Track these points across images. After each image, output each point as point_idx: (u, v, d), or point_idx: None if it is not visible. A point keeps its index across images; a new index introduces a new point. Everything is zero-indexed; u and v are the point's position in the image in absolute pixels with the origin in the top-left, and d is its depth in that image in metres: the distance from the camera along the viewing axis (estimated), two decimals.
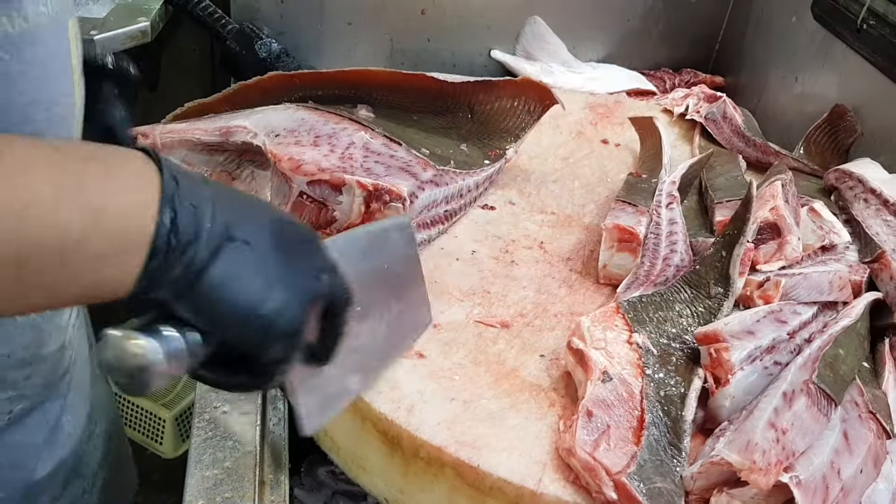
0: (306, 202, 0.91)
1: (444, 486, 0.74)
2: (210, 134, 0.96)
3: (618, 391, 0.74)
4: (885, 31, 1.13)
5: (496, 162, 1.07)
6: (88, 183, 0.45)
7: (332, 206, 0.90)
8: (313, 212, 0.91)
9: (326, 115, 0.99)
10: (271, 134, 0.94)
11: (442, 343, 0.83)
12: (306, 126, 0.96)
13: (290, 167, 0.89)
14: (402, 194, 0.88)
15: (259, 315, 0.51)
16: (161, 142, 0.96)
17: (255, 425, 0.82)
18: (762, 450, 0.65)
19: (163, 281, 0.47)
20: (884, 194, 0.97)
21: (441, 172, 0.97)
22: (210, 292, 0.49)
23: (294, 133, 0.95)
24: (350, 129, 0.97)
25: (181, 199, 0.47)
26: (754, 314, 0.78)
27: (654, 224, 0.97)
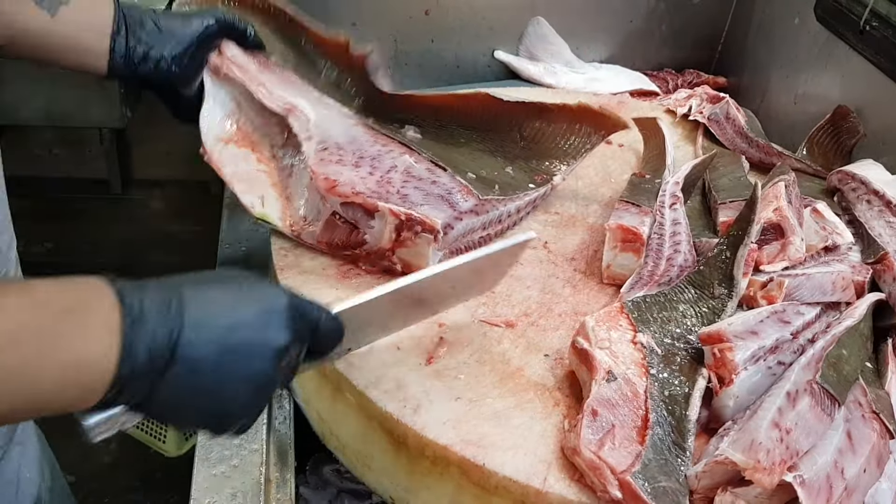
0: (338, 222, 0.90)
1: (450, 485, 0.74)
2: (274, 101, 0.95)
3: (622, 391, 0.74)
4: (887, 33, 1.14)
5: (541, 187, 1.05)
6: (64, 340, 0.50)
7: (363, 229, 0.89)
8: (344, 232, 0.91)
9: (377, 136, 0.98)
10: (321, 144, 0.93)
11: (447, 343, 0.84)
12: (355, 145, 0.95)
13: (325, 187, 0.88)
14: (435, 227, 0.87)
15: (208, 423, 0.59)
16: (225, 71, 0.94)
17: (262, 424, 0.82)
18: (766, 449, 0.65)
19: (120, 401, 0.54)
20: (886, 196, 0.98)
21: (482, 202, 0.94)
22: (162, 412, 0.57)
23: (341, 150, 0.94)
24: (396, 151, 0.96)
25: (139, 342, 0.52)
26: (758, 314, 0.79)
27: (657, 224, 0.97)
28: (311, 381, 0.85)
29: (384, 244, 0.89)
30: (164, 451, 1.84)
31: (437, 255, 0.90)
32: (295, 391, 0.90)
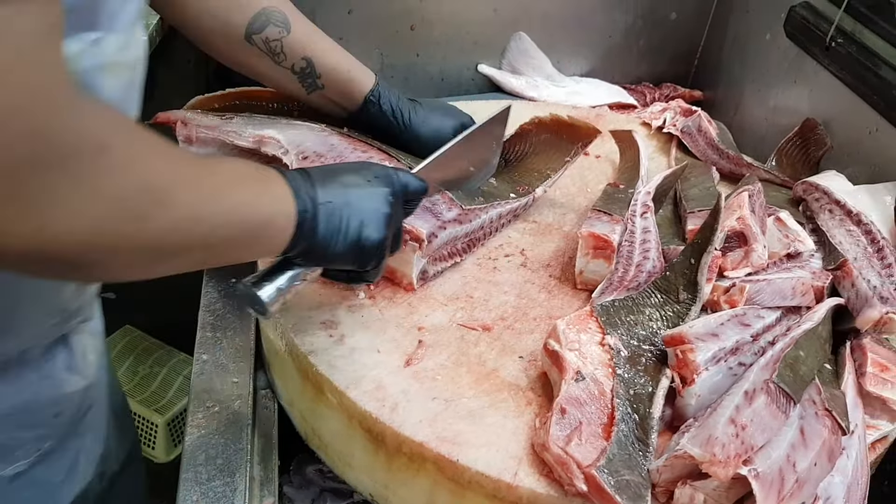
0: None
1: (426, 481, 0.78)
2: (244, 138, 0.99)
3: (590, 390, 0.78)
4: (852, 49, 1.18)
5: (522, 197, 1.09)
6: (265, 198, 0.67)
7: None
8: None
9: (356, 143, 1.01)
10: (300, 155, 0.97)
11: (426, 346, 0.88)
12: (335, 152, 0.99)
13: None
14: (420, 236, 0.91)
15: (353, 250, 0.75)
16: (196, 135, 1.00)
17: (247, 424, 0.86)
18: (722, 444, 0.69)
19: (295, 251, 0.72)
20: (847, 205, 1.02)
21: (466, 212, 0.99)
22: (321, 249, 0.73)
23: (321, 157, 0.97)
24: (375, 158, 0.99)
25: (302, 203, 0.70)
26: (718, 318, 0.83)
27: (628, 232, 1.01)
28: (294, 383, 0.88)
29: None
30: (154, 457, 1.86)
31: (420, 262, 0.94)
32: (279, 393, 0.94)
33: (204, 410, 0.87)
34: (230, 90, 1.14)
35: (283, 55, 0.96)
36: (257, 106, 1.12)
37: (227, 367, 0.92)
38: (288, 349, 0.87)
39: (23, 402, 0.76)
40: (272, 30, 0.95)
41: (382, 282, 0.95)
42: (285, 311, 0.88)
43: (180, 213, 0.56)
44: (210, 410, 0.87)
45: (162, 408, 1.86)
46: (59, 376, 0.80)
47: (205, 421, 0.85)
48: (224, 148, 1.01)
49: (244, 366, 0.92)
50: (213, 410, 0.87)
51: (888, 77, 1.09)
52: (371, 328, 0.89)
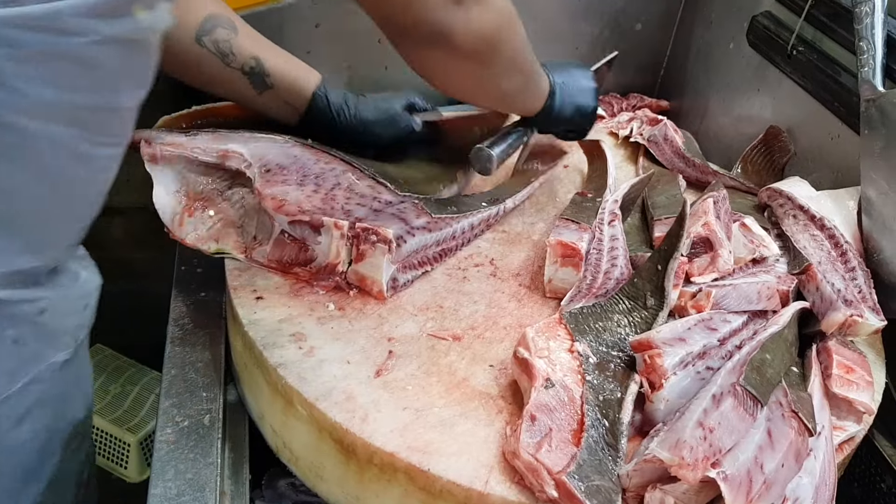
0: (287, 241, 0.94)
1: (398, 491, 0.78)
2: (208, 154, 0.99)
3: (560, 396, 0.78)
4: (812, 57, 1.20)
5: (493, 206, 1.10)
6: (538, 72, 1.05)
7: (311, 245, 0.93)
8: (294, 250, 0.94)
9: (318, 154, 1.02)
10: (263, 168, 0.97)
11: (396, 356, 0.88)
12: (298, 164, 0.99)
13: (272, 206, 0.92)
14: (387, 237, 0.91)
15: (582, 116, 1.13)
16: (161, 154, 0.98)
17: (217, 439, 0.85)
18: (690, 447, 0.69)
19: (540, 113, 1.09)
20: (811, 210, 1.04)
21: (435, 220, 1.00)
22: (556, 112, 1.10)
23: (284, 171, 0.97)
24: (338, 168, 1.00)
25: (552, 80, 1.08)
26: (685, 323, 0.83)
27: (596, 240, 1.02)
28: (264, 396, 0.88)
29: (332, 258, 0.93)
30: (126, 476, 1.84)
31: (390, 268, 0.94)
32: (249, 407, 0.93)
33: (173, 425, 0.86)
34: (196, 108, 1.14)
35: (232, 56, 0.98)
36: (224, 123, 1.12)
37: (196, 381, 0.91)
38: (257, 362, 0.87)
39: (60, 297, 0.81)
40: (221, 32, 0.97)
41: (352, 293, 0.95)
42: (254, 325, 0.88)
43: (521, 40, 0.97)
44: (179, 425, 0.86)
45: (134, 427, 1.84)
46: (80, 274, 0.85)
47: (174, 436, 0.85)
48: (189, 165, 1.00)
49: (213, 380, 0.92)
50: (182, 425, 0.86)
51: (848, 84, 1.11)
52: (341, 339, 0.88)
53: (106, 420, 1.85)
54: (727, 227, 0.99)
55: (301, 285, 0.95)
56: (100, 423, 1.85)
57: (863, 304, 0.93)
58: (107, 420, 1.85)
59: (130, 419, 1.87)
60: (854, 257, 0.98)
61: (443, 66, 0.92)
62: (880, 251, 1.02)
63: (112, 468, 1.86)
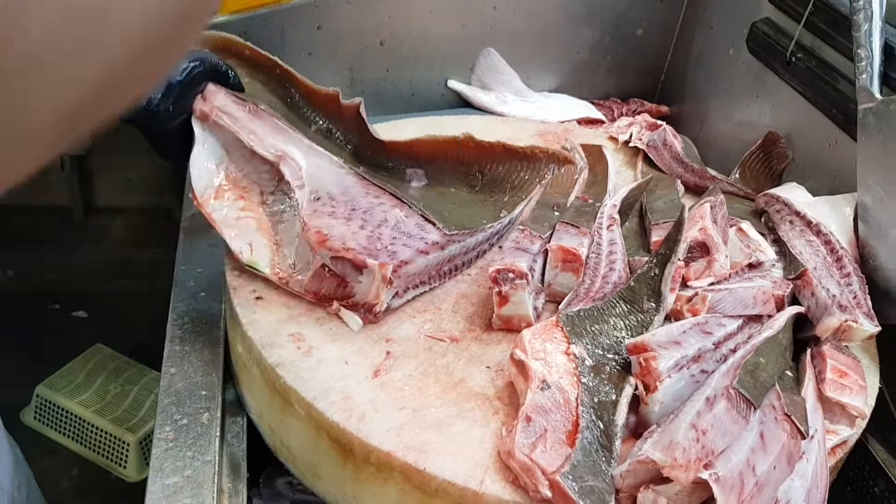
0: (327, 274, 0.92)
1: (394, 490, 0.78)
2: (265, 148, 0.97)
3: (555, 398, 0.79)
4: (811, 64, 1.21)
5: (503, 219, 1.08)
6: None
7: (352, 283, 0.91)
8: (333, 284, 0.92)
9: (369, 186, 0.99)
10: (314, 193, 0.95)
11: (394, 357, 0.88)
12: (347, 195, 0.96)
13: (316, 240, 0.90)
14: (523, 271, 0.91)
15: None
16: (214, 117, 0.96)
17: (215, 437, 0.86)
18: (683, 448, 0.70)
19: None
20: (807, 216, 1.04)
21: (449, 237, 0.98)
22: None
23: (333, 202, 0.95)
24: (387, 204, 0.97)
25: None
26: (681, 326, 0.84)
27: (595, 244, 1.03)
28: (263, 396, 0.89)
29: (371, 298, 0.91)
30: (125, 476, 1.85)
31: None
32: (248, 405, 0.94)
33: (171, 423, 0.87)
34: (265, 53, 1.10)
35: None
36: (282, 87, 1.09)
37: (195, 380, 0.92)
38: (255, 362, 0.87)
39: None
40: None
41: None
42: (253, 325, 0.89)
43: None
44: (178, 423, 0.87)
45: (134, 426, 1.85)
46: None
47: (172, 434, 0.85)
48: (238, 144, 0.98)
49: (213, 379, 0.93)
50: (180, 423, 0.87)
51: (846, 91, 1.12)
52: (339, 340, 0.89)
53: (105, 419, 1.86)
54: (724, 232, 1.00)
55: None
56: (99, 422, 1.86)
57: (857, 309, 0.94)
58: (106, 419, 1.86)
59: (130, 419, 1.88)
60: (849, 263, 0.99)
61: None
62: (876, 257, 1.03)
63: (111, 468, 1.87)
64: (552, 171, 1.18)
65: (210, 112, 0.97)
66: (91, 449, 1.88)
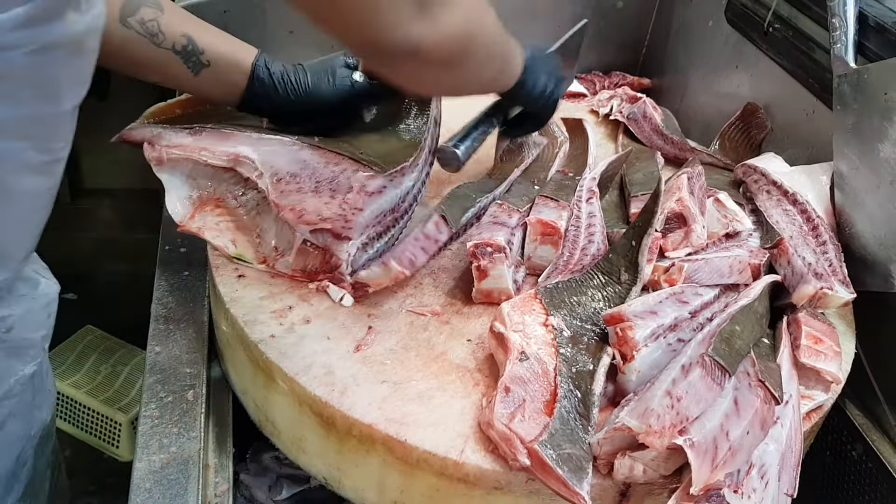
0: (310, 249, 0.93)
1: (376, 461, 0.80)
2: (217, 157, 0.98)
3: (534, 369, 0.80)
4: (788, 34, 1.22)
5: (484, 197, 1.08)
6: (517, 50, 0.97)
7: (336, 253, 0.92)
8: (318, 258, 0.94)
9: (327, 155, 0.99)
10: (275, 177, 0.95)
11: (375, 331, 0.89)
12: (308, 170, 0.97)
13: (292, 218, 0.91)
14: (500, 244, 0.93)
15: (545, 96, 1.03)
16: (167, 157, 0.98)
17: (200, 413, 0.87)
18: (657, 415, 0.72)
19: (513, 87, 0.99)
20: (784, 186, 1.06)
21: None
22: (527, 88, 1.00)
23: (296, 178, 0.95)
24: (349, 170, 0.97)
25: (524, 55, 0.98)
26: (657, 296, 0.85)
27: (574, 217, 1.04)
28: (247, 372, 0.90)
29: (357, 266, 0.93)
30: (118, 455, 1.86)
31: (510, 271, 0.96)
32: (233, 382, 0.95)
33: (157, 401, 0.88)
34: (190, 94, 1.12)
35: (161, 35, 0.92)
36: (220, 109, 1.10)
37: (180, 357, 0.93)
38: (239, 339, 0.88)
39: (24, 311, 0.83)
40: (146, 10, 0.91)
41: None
42: (236, 302, 0.90)
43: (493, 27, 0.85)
44: (163, 401, 0.88)
45: (125, 406, 1.86)
46: (39, 282, 0.86)
47: (158, 411, 0.86)
48: (197, 167, 1.00)
49: (198, 356, 0.93)
50: (166, 401, 0.88)
51: (822, 60, 1.13)
52: (321, 316, 0.90)
53: (97, 400, 1.87)
54: (701, 203, 1.01)
55: None
56: (91, 402, 1.87)
57: (833, 277, 0.95)
58: (98, 400, 1.87)
59: (121, 399, 1.89)
60: (825, 231, 1.00)
61: (416, 76, 0.81)
62: (852, 225, 1.04)
63: (104, 447, 1.88)
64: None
65: (161, 155, 0.98)
66: (83, 429, 1.89)
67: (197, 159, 0.98)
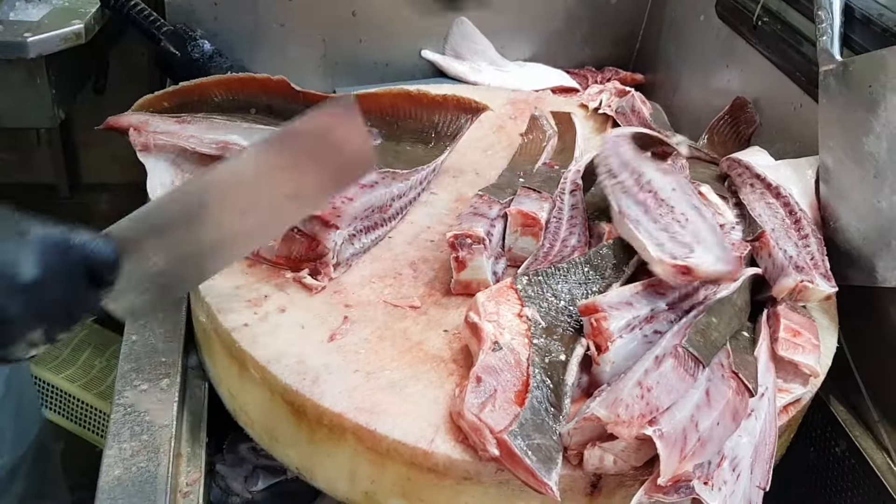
0: (297, 236, 0.93)
1: (347, 451, 0.79)
2: (206, 145, 0.98)
3: (506, 359, 0.80)
4: (777, 28, 1.21)
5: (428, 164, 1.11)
6: None
7: (323, 241, 0.92)
8: (303, 245, 0.94)
9: None
10: None
11: (351, 321, 0.89)
12: None
13: None
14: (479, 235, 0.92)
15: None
16: (153, 143, 0.98)
17: (173, 402, 0.87)
18: (626, 404, 0.71)
19: None
20: (767, 179, 1.05)
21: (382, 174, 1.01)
22: None
23: None
24: None
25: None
26: (632, 287, 0.85)
27: (557, 209, 1.03)
28: (222, 361, 0.89)
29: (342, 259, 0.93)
30: None
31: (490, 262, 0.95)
32: (209, 372, 0.95)
33: (131, 389, 0.88)
34: (178, 86, 1.13)
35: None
36: (208, 102, 1.11)
37: (156, 347, 0.93)
38: (213, 327, 0.88)
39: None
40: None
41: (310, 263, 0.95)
42: (211, 290, 0.89)
43: None
44: (137, 389, 0.88)
45: None
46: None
47: (131, 399, 0.86)
48: (184, 153, 1.00)
49: (174, 346, 0.93)
50: (140, 389, 0.88)
51: (809, 53, 1.12)
52: (297, 305, 0.90)
53: (91, 394, 1.87)
54: None
55: None
56: (85, 396, 1.87)
57: (814, 270, 0.94)
58: (92, 394, 1.87)
59: None
60: (808, 225, 0.99)
61: None
62: (837, 219, 1.03)
63: (98, 441, 1.88)
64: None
65: (148, 140, 0.99)
66: (77, 423, 1.89)
67: (184, 146, 0.99)
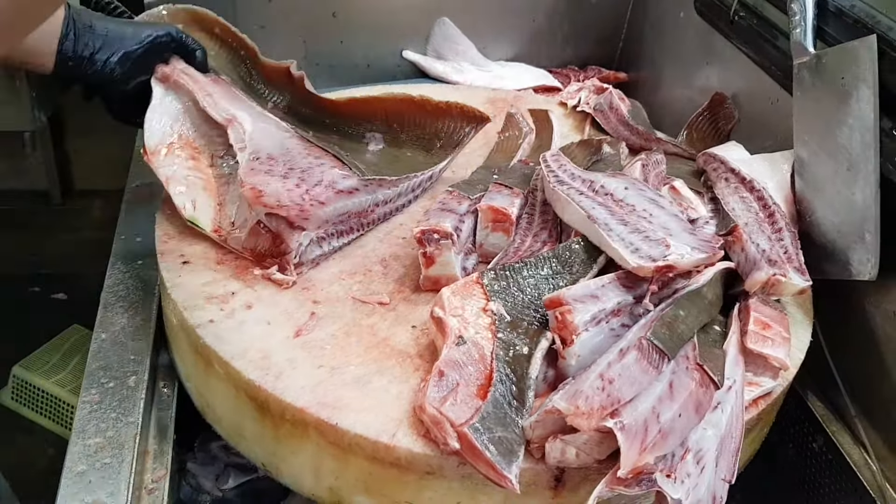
0: (262, 231, 0.94)
1: (311, 447, 0.79)
2: (216, 111, 1.00)
3: (470, 353, 0.79)
4: (753, 22, 1.20)
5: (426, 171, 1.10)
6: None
7: (287, 240, 0.92)
8: (268, 241, 0.94)
9: (311, 148, 1.01)
10: (254, 155, 0.96)
11: (318, 317, 0.89)
12: (287, 156, 0.98)
13: (251, 196, 0.91)
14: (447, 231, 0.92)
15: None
16: (175, 78, 1.00)
17: (140, 399, 0.86)
18: (586, 396, 0.70)
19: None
20: (741, 173, 1.04)
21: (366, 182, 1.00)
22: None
23: (272, 160, 0.96)
24: (327, 165, 0.98)
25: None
26: (599, 281, 0.84)
27: (529, 205, 1.03)
28: (188, 358, 0.89)
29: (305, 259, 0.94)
30: None
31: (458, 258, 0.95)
32: (178, 370, 0.95)
33: (98, 386, 0.87)
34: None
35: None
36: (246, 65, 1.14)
37: (125, 345, 0.93)
38: (180, 324, 0.88)
39: None
40: None
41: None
42: (177, 287, 0.89)
43: None
44: (104, 387, 0.87)
45: None
46: None
47: (98, 396, 0.86)
48: (194, 108, 1.02)
49: (143, 344, 0.93)
50: (107, 386, 0.87)
51: (785, 48, 1.11)
52: (264, 302, 0.90)
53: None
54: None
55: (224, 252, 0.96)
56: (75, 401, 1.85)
57: (788, 264, 0.94)
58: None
59: None
60: (782, 219, 0.99)
61: None
62: (812, 212, 1.03)
63: None
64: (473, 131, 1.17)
65: (172, 73, 1.00)
66: (68, 428, 1.89)
67: (199, 100, 1.01)
